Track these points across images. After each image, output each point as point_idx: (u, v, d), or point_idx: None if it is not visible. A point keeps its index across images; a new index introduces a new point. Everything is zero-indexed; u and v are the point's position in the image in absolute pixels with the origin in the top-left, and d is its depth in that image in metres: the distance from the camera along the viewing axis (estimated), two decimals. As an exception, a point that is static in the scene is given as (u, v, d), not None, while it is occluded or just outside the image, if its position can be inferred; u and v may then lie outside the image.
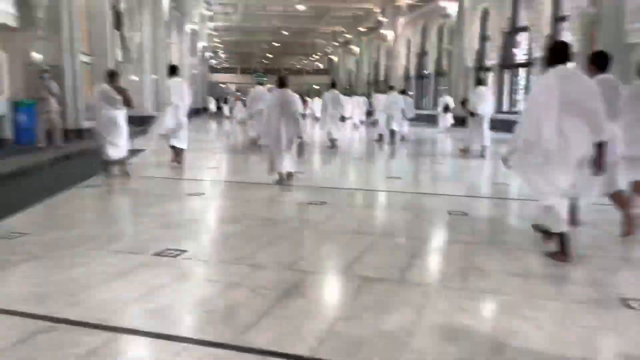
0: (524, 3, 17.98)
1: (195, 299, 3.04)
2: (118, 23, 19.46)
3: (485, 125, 10.39)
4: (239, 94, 30.71)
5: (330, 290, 3.32)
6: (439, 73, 26.10)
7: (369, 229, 4.79)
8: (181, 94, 8.49)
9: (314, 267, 3.68)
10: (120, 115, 7.30)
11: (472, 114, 10.38)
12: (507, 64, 19.54)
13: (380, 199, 6.62)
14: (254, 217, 5.03)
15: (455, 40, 22.55)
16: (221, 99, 40.77)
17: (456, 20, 22.48)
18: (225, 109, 38.39)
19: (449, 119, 18.00)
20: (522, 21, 18.34)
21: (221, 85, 63.98)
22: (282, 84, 6.85)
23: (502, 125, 12.19)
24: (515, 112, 17.11)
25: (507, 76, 19.71)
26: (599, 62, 4.30)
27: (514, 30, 19.07)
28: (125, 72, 20.03)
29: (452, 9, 22.55)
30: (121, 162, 7.39)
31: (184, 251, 3.82)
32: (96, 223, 4.93)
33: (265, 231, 4.51)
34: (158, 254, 3.74)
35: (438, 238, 4.67)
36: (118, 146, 7.24)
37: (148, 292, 3.06)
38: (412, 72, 29.38)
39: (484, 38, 21.22)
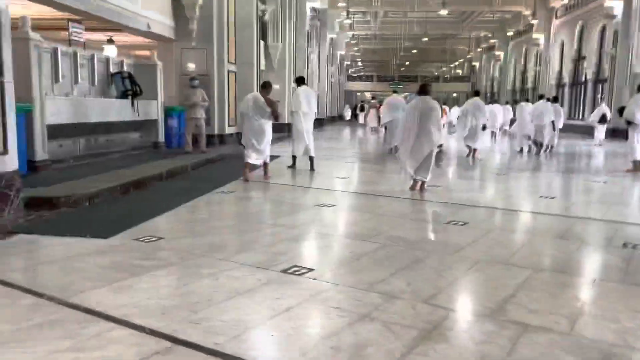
0: None
1: (321, 330, 2.71)
2: (263, 33, 20.49)
3: None
4: (374, 101, 30.49)
5: (479, 337, 2.73)
6: (598, 80, 23.37)
7: (522, 260, 4.07)
8: (310, 101, 8.73)
9: (456, 303, 3.16)
10: (268, 125, 7.50)
11: (629, 123, 9.28)
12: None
13: (533, 222, 5.77)
14: (387, 235, 4.61)
15: (621, 43, 19.94)
16: (357, 107, 41.15)
17: (622, 21, 19.88)
18: (361, 117, 38.69)
19: (605, 130, 16.83)
20: None
21: (357, 93, 64.87)
22: (423, 91, 6.74)
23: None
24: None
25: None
26: None
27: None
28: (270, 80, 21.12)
29: (618, 8, 20.00)
30: (264, 165, 7.80)
31: (311, 270, 3.54)
32: (228, 231, 4.89)
33: (400, 253, 4.06)
34: (285, 271, 3.50)
35: (613, 278, 3.79)
36: (262, 152, 7.52)
37: (271, 315, 2.80)
38: (567, 79, 26.71)
39: (657, 39, 18.47)
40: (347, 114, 42.32)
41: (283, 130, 20.56)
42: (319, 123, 30.46)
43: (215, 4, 11.85)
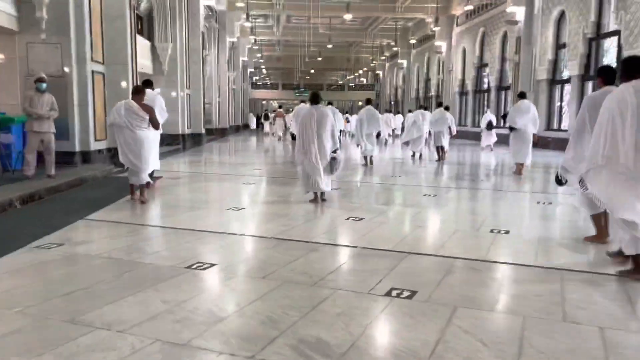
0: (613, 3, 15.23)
1: None
2: (150, 32, 17.93)
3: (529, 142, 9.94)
4: (280, 110, 28.74)
5: None
6: (501, 87, 23.38)
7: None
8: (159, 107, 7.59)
9: None
10: (148, 136, 6.56)
11: (512, 129, 9.95)
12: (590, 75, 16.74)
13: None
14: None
15: (524, 49, 19.83)
16: (262, 116, 39.34)
17: (524, 27, 19.80)
18: (266, 126, 36.87)
19: (493, 136, 17.97)
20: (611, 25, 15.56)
21: (263, 101, 62.93)
22: (315, 99, 6.78)
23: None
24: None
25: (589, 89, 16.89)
26: None
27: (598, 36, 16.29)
28: (156, 85, 18.50)
29: (520, 14, 19.90)
30: (143, 187, 6.66)
31: None
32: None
33: None
34: None
35: None
36: (141, 170, 6.53)
37: None
38: (470, 87, 26.68)
39: (560, 46, 18.46)
40: (253, 123, 40.33)
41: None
42: (221, 133, 28.28)
43: (71, -15, 9.37)
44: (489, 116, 18.35)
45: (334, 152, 6.62)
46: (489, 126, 17.77)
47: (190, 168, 11.82)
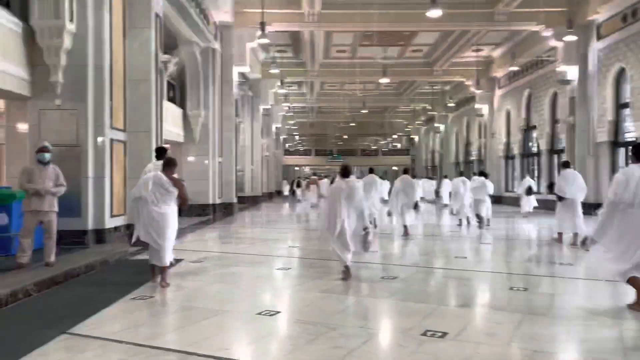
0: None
1: None
2: (182, 100, 17.30)
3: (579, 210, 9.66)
4: (314, 177, 27.54)
5: None
6: (553, 150, 21.70)
7: None
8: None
9: None
10: (172, 213, 6.07)
11: (560, 198, 9.72)
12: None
13: None
14: None
15: (579, 110, 18.30)
16: (294, 182, 38.46)
17: (578, 86, 18.38)
18: (298, 192, 35.84)
19: (532, 201, 17.67)
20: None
21: (296, 167, 62.49)
22: (345, 173, 6.58)
23: None
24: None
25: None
26: None
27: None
28: (186, 153, 17.69)
29: (572, 73, 18.56)
30: (165, 270, 6.04)
31: None
32: None
33: None
34: None
35: None
36: (163, 249, 5.95)
37: None
38: (516, 150, 25.07)
39: (621, 105, 16.91)
40: (286, 190, 39.36)
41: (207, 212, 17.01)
42: (253, 201, 27.19)
43: (91, 48, 8.49)
44: (529, 181, 18.32)
45: (365, 228, 6.34)
46: (529, 191, 17.66)
47: (217, 246, 10.46)
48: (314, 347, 3.92)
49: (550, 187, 11.41)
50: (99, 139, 8.58)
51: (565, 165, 10.40)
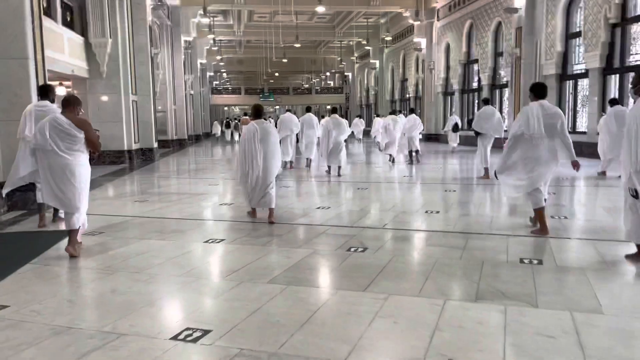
0: None
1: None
2: (84, 27, 14.46)
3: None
4: (246, 117, 25.28)
5: None
6: (495, 85, 20.84)
7: None
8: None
9: None
10: (79, 163, 4.81)
11: (478, 133, 10.27)
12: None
13: None
14: None
15: (526, 41, 17.29)
16: (223, 123, 36.21)
17: (525, 16, 17.28)
18: (227, 133, 33.73)
19: (457, 138, 18.94)
20: None
21: (225, 107, 59.30)
22: (257, 114, 6.39)
23: None
24: None
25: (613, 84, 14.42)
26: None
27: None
28: (92, 90, 15.05)
29: (519, 1, 17.37)
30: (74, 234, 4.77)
31: None
32: None
33: None
34: None
35: None
36: (69, 206, 4.78)
37: None
38: (456, 86, 24.10)
39: (571, 36, 15.97)
40: (218, 131, 36.97)
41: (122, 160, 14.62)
42: (179, 144, 24.72)
43: None
44: (455, 118, 19.35)
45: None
46: (455, 128, 18.67)
47: (126, 207, 8.26)
48: None
49: (470, 123, 12.01)
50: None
51: (485, 102, 10.91)
